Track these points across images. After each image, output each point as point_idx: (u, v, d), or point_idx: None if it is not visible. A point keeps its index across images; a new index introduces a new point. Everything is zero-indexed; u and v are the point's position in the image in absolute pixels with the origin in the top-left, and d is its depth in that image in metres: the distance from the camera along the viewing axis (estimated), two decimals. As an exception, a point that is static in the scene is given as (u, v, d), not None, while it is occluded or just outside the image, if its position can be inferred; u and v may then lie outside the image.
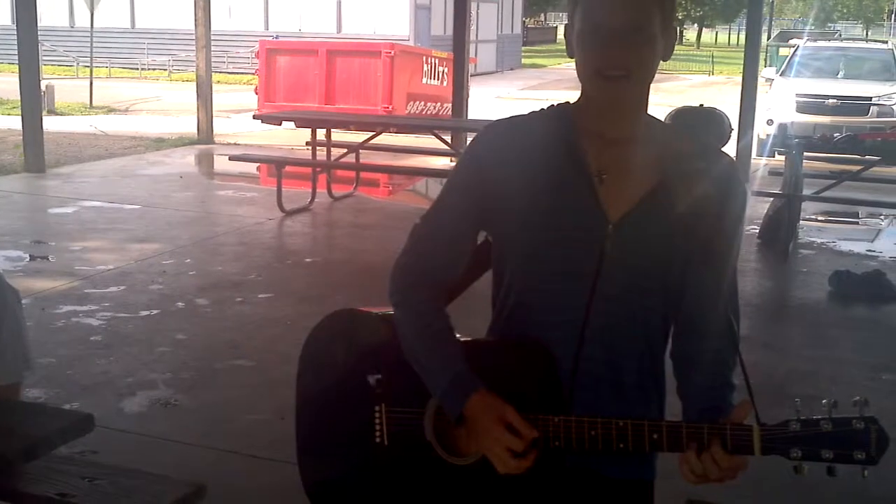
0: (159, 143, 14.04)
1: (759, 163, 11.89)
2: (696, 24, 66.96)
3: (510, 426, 1.77)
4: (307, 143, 10.86)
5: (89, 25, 19.51)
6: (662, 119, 2.17)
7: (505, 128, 1.92)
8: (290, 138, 13.54)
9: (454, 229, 1.93)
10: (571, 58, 1.82)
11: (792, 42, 23.17)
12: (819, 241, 8.78)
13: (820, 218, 9.76)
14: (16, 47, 11.33)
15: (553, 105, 1.93)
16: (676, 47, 1.89)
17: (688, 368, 1.92)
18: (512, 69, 35.15)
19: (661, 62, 1.84)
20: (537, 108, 1.94)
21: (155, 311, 6.14)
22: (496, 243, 1.96)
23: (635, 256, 1.83)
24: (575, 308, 1.84)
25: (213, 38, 14.50)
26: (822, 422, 1.67)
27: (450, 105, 14.05)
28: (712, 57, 37.90)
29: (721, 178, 1.86)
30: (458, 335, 1.92)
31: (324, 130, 10.62)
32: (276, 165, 9.47)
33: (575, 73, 1.83)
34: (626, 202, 1.82)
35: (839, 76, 15.63)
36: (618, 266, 1.82)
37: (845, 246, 8.61)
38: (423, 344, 1.90)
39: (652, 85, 1.85)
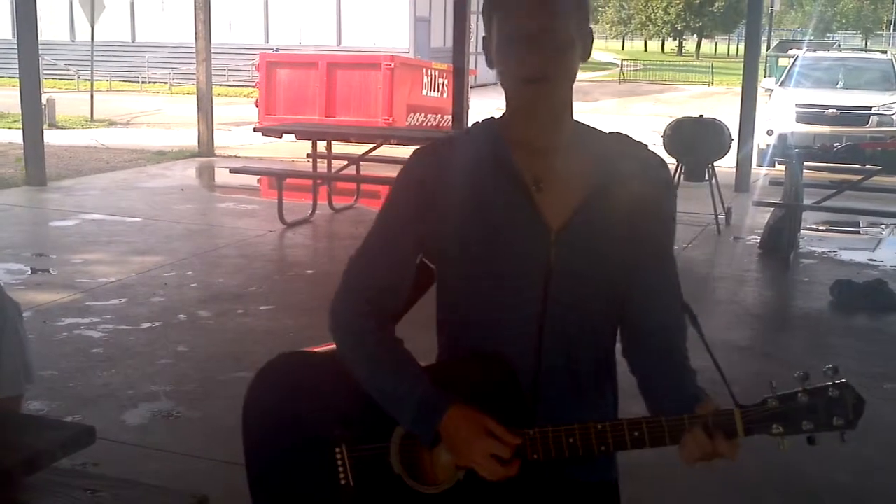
0: (160, 156, 14.08)
1: (760, 173, 11.92)
2: (695, 35, 67.13)
3: (492, 434, 1.75)
4: (308, 156, 10.88)
5: (90, 39, 19.57)
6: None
7: (434, 150, 1.92)
8: (291, 151, 13.57)
9: (394, 256, 1.91)
10: (492, 68, 1.83)
11: (791, 52, 23.23)
12: (820, 250, 8.79)
13: (821, 227, 9.76)
14: (17, 61, 11.37)
15: (478, 122, 1.94)
16: (676, 58, 1.91)
17: (648, 366, 1.93)
18: (512, 81, 35.16)
19: (582, 64, 1.86)
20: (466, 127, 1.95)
21: (156, 324, 6.15)
22: (439, 265, 1.94)
23: (581, 262, 1.84)
24: (529, 321, 1.84)
25: (213, 51, 14.55)
26: (799, 395, 1.69)
27: (450, 117, 14.07)
28: (712, 67, 37.97)
29: (655, 177, 1.90)
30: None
31: (324, 143, 10.64)
32: (277, 178, 9.49)
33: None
34: (565, 209, 1.83)
35: (839, 86, 15.65)
36: (565, 274, 1.83)
37: (846, 255, 8.60)
38: (381, 373, 1.86)
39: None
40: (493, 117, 1.93)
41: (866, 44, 61.86)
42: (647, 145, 1.96)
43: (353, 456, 1.88)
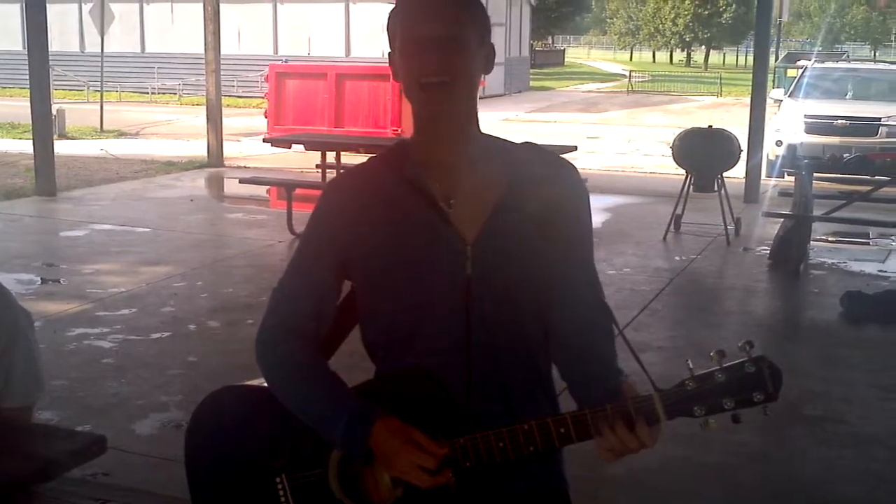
0: (169, 167, 14.11)
1: (769, 184, 11.90)
2: (703, 46, 67.10)
3: (419, 445, 1.76)
4: (317, 166, 10.91)
5: (100, 50, 19.64)
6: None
7: (349, 178, 1.98)
8: (300, 161, 13.59)
9: (316, 282, 1.94)
10: (398, 82, 1.88)
11: (800, 63, 23.17)
12: (830, 261, 8.76)
13: (830, 238, 9.74)
14: (27, 72, 11.43)
15: (391, 146, 1.98)
16: (684, 69, 1.93)
17: (573, 367, 1.95)
18: (520, 92, 35.22)
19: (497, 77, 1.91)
20: (383, 151, 1.99)
21: (166, 334, 6.16)
22: (362, 291, 1.96)
23: (498, 271, 1.86)
24: (454, 334, 1.86)
25: (222, 62, 14.59)
26: (716, 373, 1.70)
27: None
28: (720, 78, 37.93)
29: (564, 181, 1.94)
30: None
31: (333, 153, 10.66)
32: (286, 188, 9.50)
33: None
34: (478, 221, 1.86)
35: (848, 97, 15.61)
36: (484, 284, 1.86)
37: (856, 266, 8.58)
38: (309, 396, 1.88)
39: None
40: (403, 140, 1.97)
41: (875, 55, 61.78)
42: (557, 154, 2.00)
43: (293, 484, 1.90)
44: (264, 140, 12.09)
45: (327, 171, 10.49)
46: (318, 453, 1.87)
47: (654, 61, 71.17)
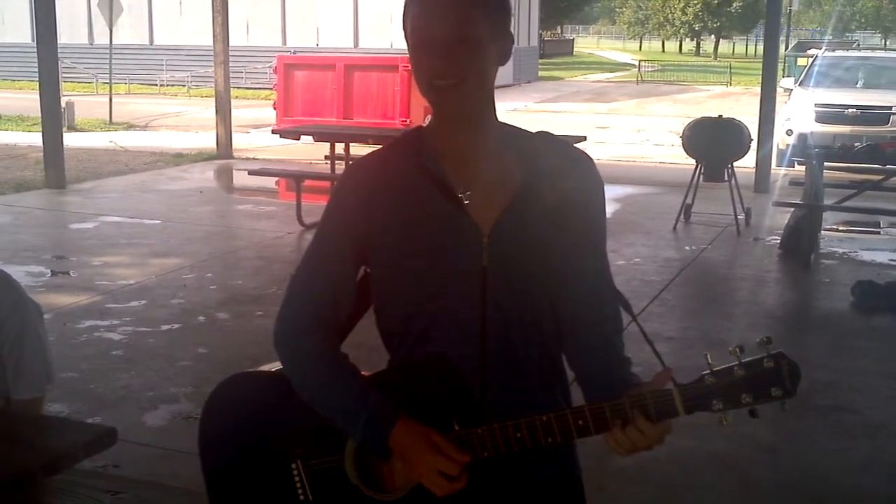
0: (179, 159, 14.13)
1: (779, 173, 11.86)
2: (713, 35, 66.89)
3: (441, 450, 1.76)
4: (325, 157, 10.90)
5: (108, 42, 19.67)
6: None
7: (366, 165, 1.95)
8: (309, 152, 13.59)
9: (333, 272, 1.93)
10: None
11: (810, 52, 23.09)
12: (841, 251, 8.74)
13: (841, 228, 9.70)
14: (36, 65, 11.46)
15: (407, 132, 1.97)
16: (694, 58, 1.90)
17: (582, 357, 1.94)
18: (529, 82, 35.13)
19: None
20: (398, 137, 1.98)
21: (176, 326, 6.17)
22: (378, 279, 1.95)
23: (514, 261, 1.86)
24: (470, 323, 1.86)
25: (231, 53, 14.60)
26: (735, 368, 1.70)
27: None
28: (730, 68, 37.81)
29: (579, 171, 1.92)
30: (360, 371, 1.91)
31: (342, 144, 10.66)
32: (295, 179, 9.51)
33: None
34: (494, 211, 1.85)
35: (858, 86, 15.54)
36: (500, 274, 1.85)
37: (867, 256, 8.55)
38: (328, 389, 1.87)
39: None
40: (420, 126, 1.95)
41: (885, 43, 61.50)
42: (574, 144, 1.99)
43: (309, 471, 1.90)
44: (273, 131, 12.10)
45: (336, 162, 10.48)
46: (334, 440, 1.87)
47: (663, 51, 70.96)
